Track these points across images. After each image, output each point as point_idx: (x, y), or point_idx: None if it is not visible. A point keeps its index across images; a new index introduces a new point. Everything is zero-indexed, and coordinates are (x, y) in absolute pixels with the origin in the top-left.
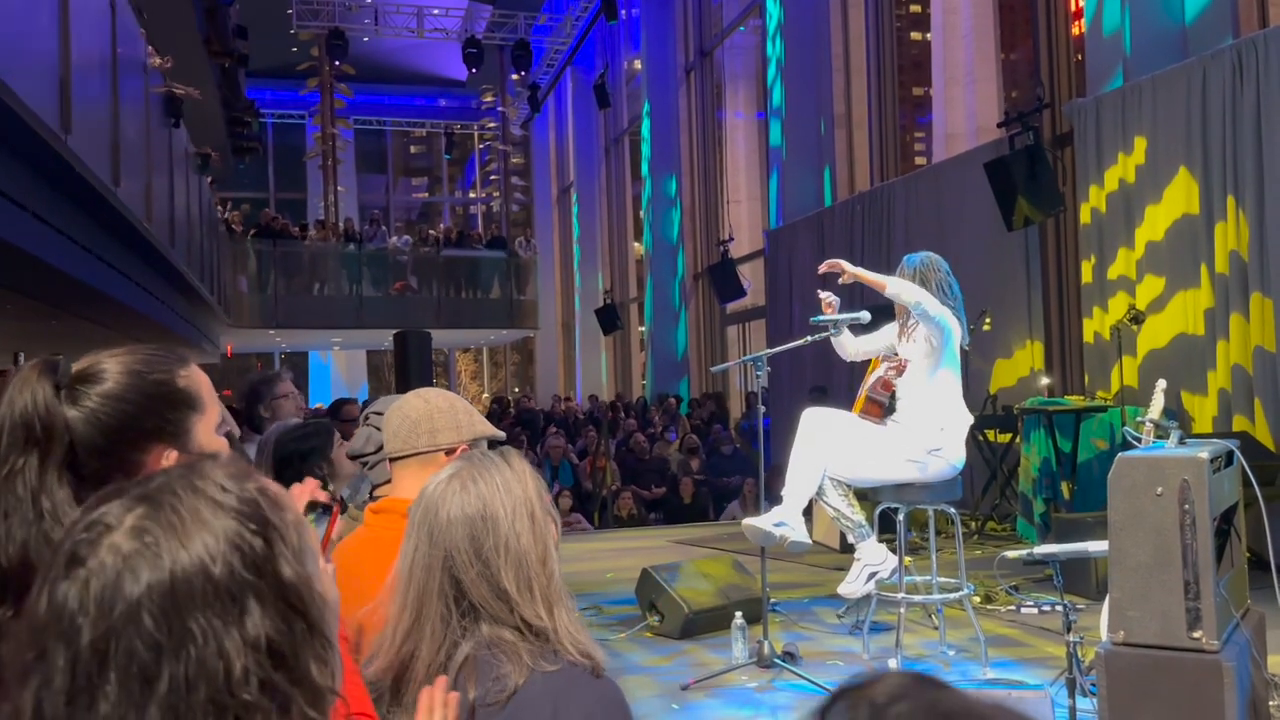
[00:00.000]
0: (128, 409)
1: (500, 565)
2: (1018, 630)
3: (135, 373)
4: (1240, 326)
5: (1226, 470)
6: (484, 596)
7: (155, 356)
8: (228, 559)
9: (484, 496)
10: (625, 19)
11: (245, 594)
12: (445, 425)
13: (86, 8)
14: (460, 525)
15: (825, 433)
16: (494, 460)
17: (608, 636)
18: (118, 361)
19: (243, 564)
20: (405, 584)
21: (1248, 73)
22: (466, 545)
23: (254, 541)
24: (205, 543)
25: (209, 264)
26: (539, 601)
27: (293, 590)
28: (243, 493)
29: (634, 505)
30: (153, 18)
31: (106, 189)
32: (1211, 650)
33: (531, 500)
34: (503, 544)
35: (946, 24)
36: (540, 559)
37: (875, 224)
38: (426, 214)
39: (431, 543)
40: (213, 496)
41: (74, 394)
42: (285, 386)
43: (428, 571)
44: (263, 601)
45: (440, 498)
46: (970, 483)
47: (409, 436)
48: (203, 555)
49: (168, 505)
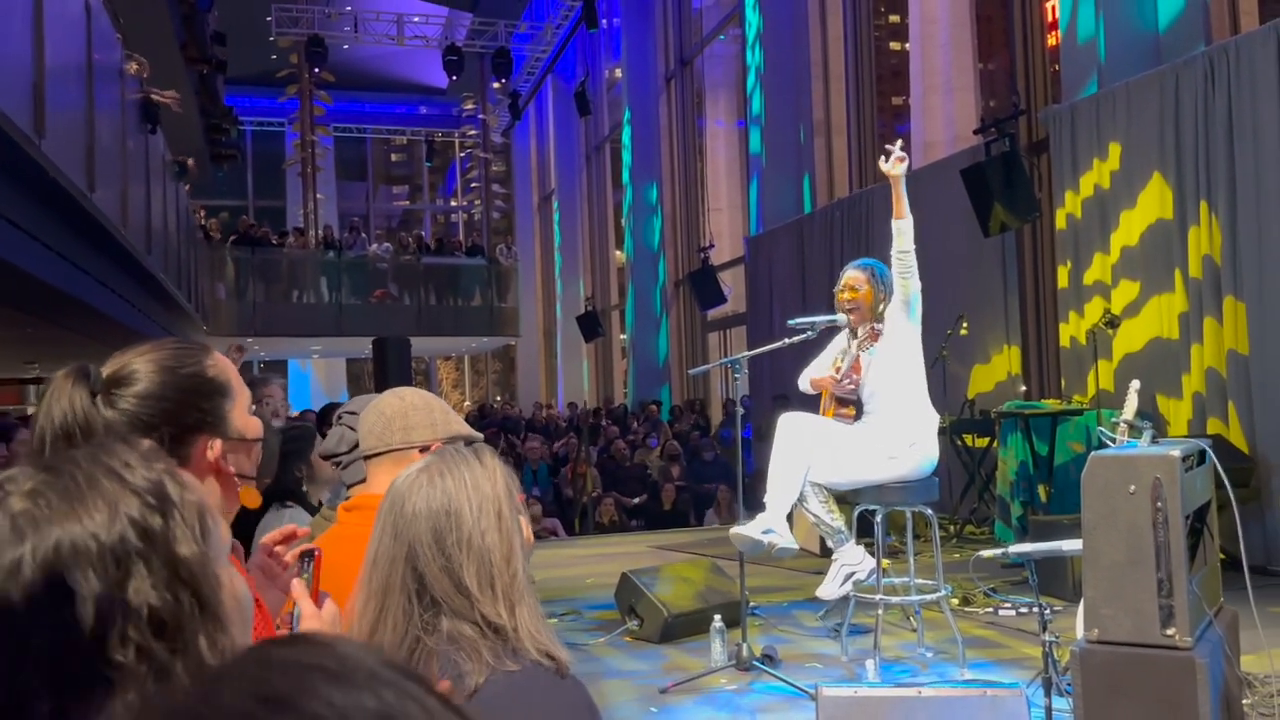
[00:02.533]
0: (168, 406)
1: (463, 561)
2: (995, 632)
3: (168, 369)
4: (1214, 330)
5: (1199, 469)
6: (446, 591)
7: (182, 350)
8: (120, 528)
9: (450, 492)
10: (605, 28)
11: (132, 560)
12: (420, 423)
13: (61, 14)
14: (424, 519)
15: (805, 438)
16: (465, 456)
17: (587, 641)
18: (147, 360)
19: (136, 534)
20: (369, 576)
21: (1219, 79)
22: (430, 539)
23: (151, 516)
24: (99, 513)
25: (186, 271)
26: (500, 600)
27: (184, 565)
28: (149, 471)
29: (615, 512)
30: (130, 24)
31: (81, 194)
32: (1185, 647)
33: (499, 498)
34: (466, 540)
35: (924, 33)
36: (504, 557)
37: (854, 230)
38: (407, 221)
39: (395, 536)
40: (116, 470)
41: (110, 398)
42: (270, 390)
43: (391, 564)
44: (150, 569)
45: (407, 491)
46: (949, 486)
47: (383, 433)
48: (94, 525)
49: (68, 474)
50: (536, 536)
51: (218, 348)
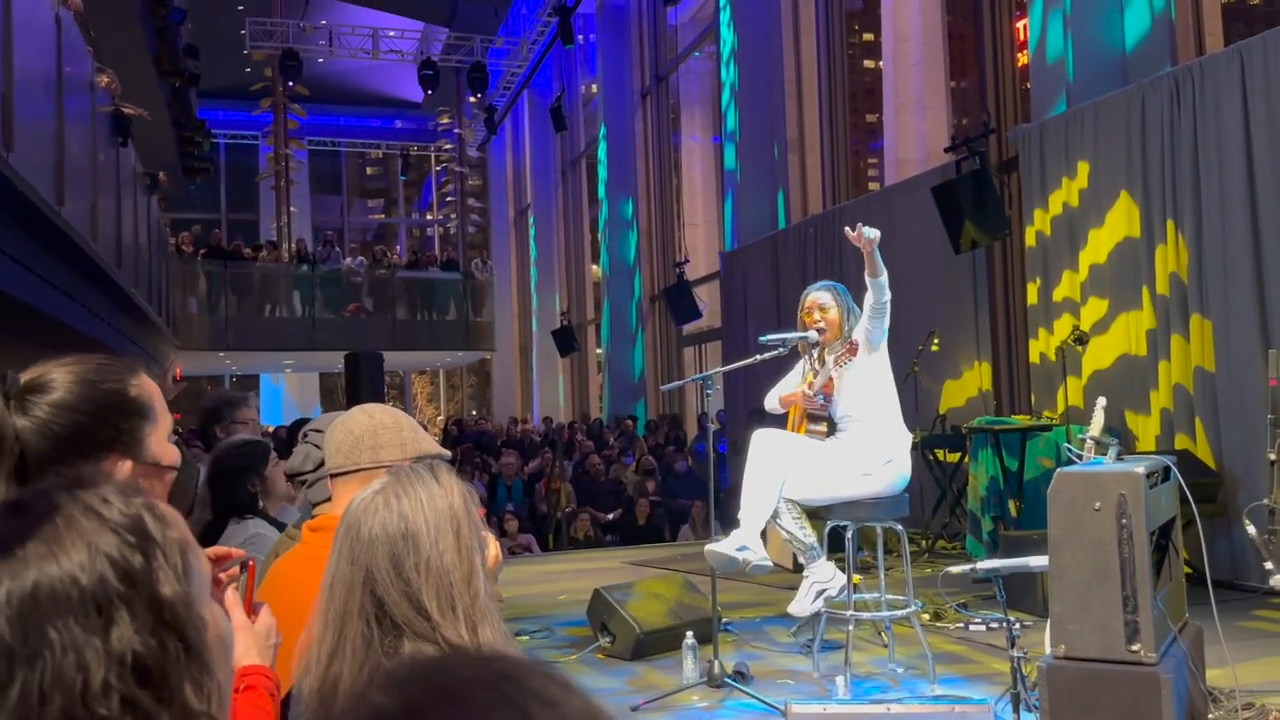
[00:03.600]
0: (80, 419)
1: (421, 584)
2: (965, 647)
3: (88, 382)
4: (1181, 347)
5: (1163, 485)
6: (406, 615)
7: (106, 365)
8: (100, 570)
9: (406, 513)
10: (581, 44)
11: (114, 605)
12: (389, 442)
13: (30, 25)
14: (381, 543)
15: (778, 454)
16: (421, 475)
17: (559, 658)
18: (68, 371)
19: (116, 576)
20: (327, 602)
21: (1185, 99)
22: (388, 564)
23: (132, 557)
24: (78, 553)
25: (157, 285)
26: (461, 621)
27: (169, 607)
28: (127, 508)
29: (590, 528)
30: (102, 36)
31: (50, 208)
32: (1149, 663)
33: (458, 517)
34: (424, 562)
35: (897, 52)
36: (464, 578)
37: (828, 246)
38: (382, 235)
39: (352, 560)
40: (94, 508)
41: (24, 404)
42: (247, 412)
43: (349, 590)
44: (134, 614)
45: (363, 514)
46: (920, 501)
47: (351, 452)
48: (73, 566)
49: (43, 513)
50: (511, 553)
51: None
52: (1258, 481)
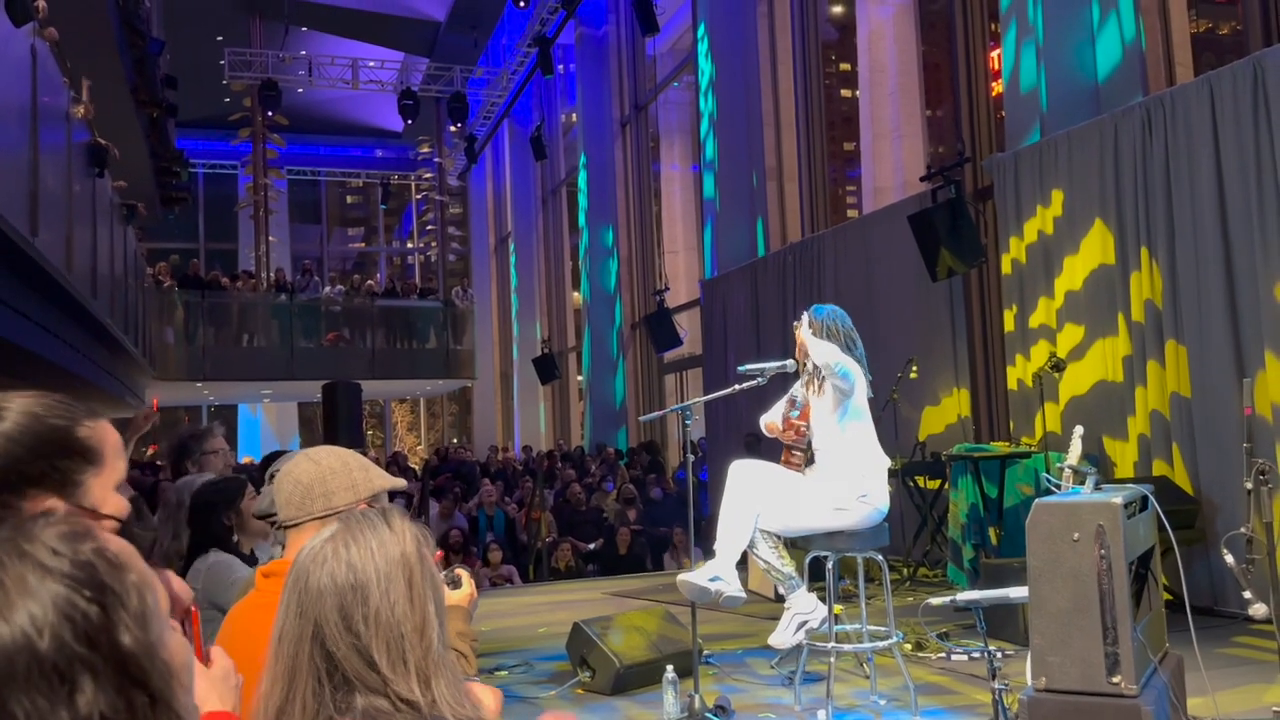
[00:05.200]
0: (14, 449)
1: (371, 638)
2: (947, 678)
3: (33, 415)
4: (1157, 373)
5: (1141, 515)
6: (357, 669)
7: (61, 404)
8: (56, 630)
9: (355, 564)
10: (561, 73)
11: (76, 669)
12: (340, 486)
13: (4, 55)
14: (330, 595)
15: (754, 485)
16: (371, 521)
17: (537, 694)
18: (22, 401)
19: (74, 635)
20: (274, 657)
21: (1156, 129)
22: (336, 617)
23: (88, 609)
24: (31, 614)
25: (133, 315)
26: (413, 676)
27: (133, 661)
28: (76, 555)
29: (571, 557)
30: (78, 66)
31: (23, 239)
32: (1130, 695)
33: (410, 564)
34: (373, 615)
35: (873, 81)
36: (416, 629)
37: (806, 274)
38: (362, 264)
39: (301, 614)
40: (41, 561)
41: None
42: (216, 442)
43: (298, 643)
44: (97, 676)
45: (311, 564)
46: (901, 529)
47: (303, 503)
48: (27, 628)
49: None
50: (492, 584)
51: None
52: (1235, 507)
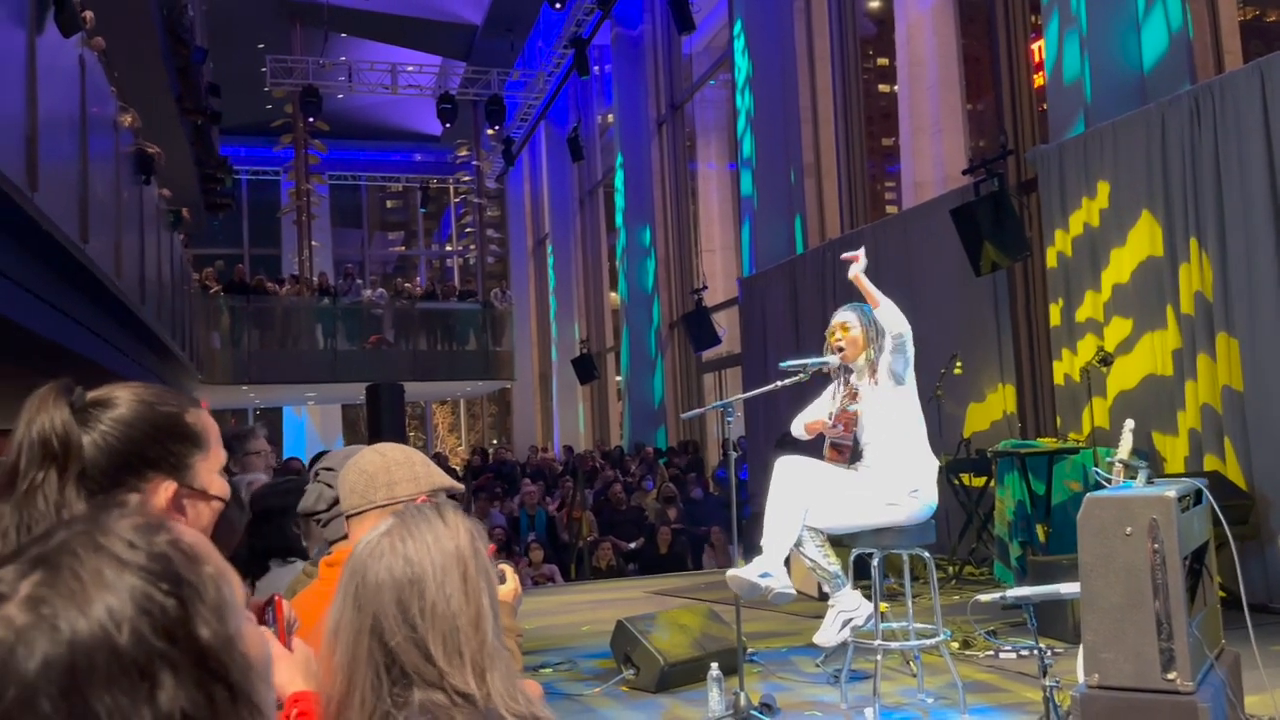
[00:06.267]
0: (134, 435)
1: (428, 631)
2: (996, 675)
3: (146, 403)
4: (1208, 366)
5: (1196, 509)
6: (415, 662)
7: (168, 393)
8: (135, 624)
9: (412, 557)
10: (597, 74)
11: (156, 664)
12: (403, 477)
13: (55, 66)
14: (388, 589)
15: (801, 481)
16: (426, 515)
17: (582, 691)
18: (130, 391)
19: (152, 630)
20: (332, 649)
21: (1205, 118)
22: (394, 610)
23: (166, 602)
24: (109, 607)
25: (181, 320)
26: (469, 668)
27: (212, 654)
28: (152, 548)
29: (612, 556)
30: (125, 76)
31: (74, 246)
32: (1187, 691)
33: (464, 558)
34: (430, 608)
35: (912, 75)
36: (471, 622)
37: (846, 270)
38: (402, 267)
39: (359, 607)
40: (117, 553)
41: (85, 416)
42: (258, 443)
43: (356, 636)
44: (176, 671)
45: (368, 558)
46: (946, 526)
47: (366, 491)
48: (105, 622)
49: (66, 568)
50: (534, 582)
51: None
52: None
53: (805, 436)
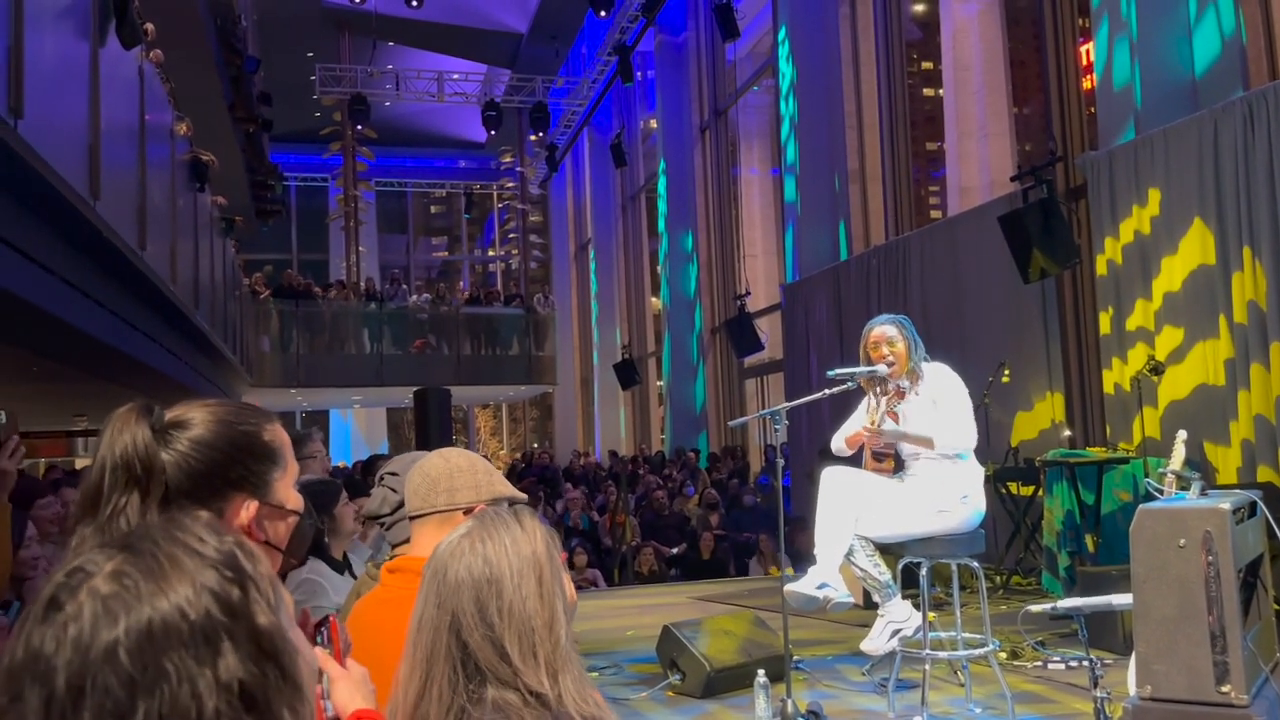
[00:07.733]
0: (216, 456)
1: (504, 630)
2: (1045, 686)
3: (225, 422)
4: (1261, 376)
5: (1250, 521)
6: (490, 660)
7: (244, 409)
8: (204, 604)
9: (491, 558)
10: (641, 80)
11: (220, 636)
12: (464, 484)
13: (116, 76)
14: (467, 588)
15: (850, 490)
16: (505, 520)
17: (628, 695)
18: (208, 411)
19: (220, 610)
20: (414, 644)
21: (1259, 124)
22: (472, 608)
23: (231, 590)
24: (183, 588)
25: (232, 324)
26: (543, 668)
27: (266, 636)
28: (221, 544)
29: (655, 561)
30: (180, 85)
31: (133, 253)
32: (1241, 705)
33: (540, 562)
34: (507, 608)
35: (958, 80)
36: (546, 624)
37: (891, 277)
38: (446, 272)
39: (439, 604)
40: (192, 546)
41: (166, 438)
42: (315, 447)
43: (435, 633)
44: (237, 645)
45: (449, 558)
46: (994, 536)
47: (428, 494)
48: (180, 600)
49: (148, 553)
50: (577, 587)
51: (257, 400)
52: None
53: (847, 451)
